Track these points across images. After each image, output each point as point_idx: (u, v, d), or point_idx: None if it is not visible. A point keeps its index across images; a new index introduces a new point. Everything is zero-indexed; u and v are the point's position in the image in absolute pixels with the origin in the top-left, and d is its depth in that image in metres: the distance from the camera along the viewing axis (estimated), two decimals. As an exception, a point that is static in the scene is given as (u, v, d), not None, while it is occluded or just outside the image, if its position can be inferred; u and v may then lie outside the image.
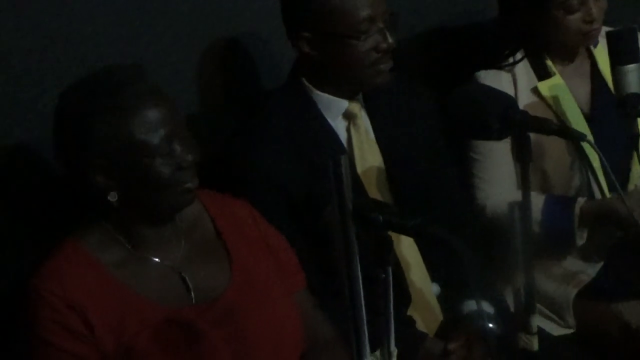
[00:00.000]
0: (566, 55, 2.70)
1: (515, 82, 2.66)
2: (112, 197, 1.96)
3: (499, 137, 2.20)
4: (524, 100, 2.63)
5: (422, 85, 2.61)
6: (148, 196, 1.98)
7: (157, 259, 2.03)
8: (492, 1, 2.81)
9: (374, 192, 2.38)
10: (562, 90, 2.65)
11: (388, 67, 2.35)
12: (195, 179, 2.01)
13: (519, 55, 2.68)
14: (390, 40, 2.32)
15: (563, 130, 2.13)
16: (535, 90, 2.65)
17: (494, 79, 2.64)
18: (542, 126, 2.09)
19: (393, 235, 2.21)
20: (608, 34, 2.50)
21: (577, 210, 2.54)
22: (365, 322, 1.59)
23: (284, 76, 2.49)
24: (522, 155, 2.07)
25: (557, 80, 2.65)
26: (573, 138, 2.15)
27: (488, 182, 2.64)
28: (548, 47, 2.67)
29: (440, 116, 2.53)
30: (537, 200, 2.58)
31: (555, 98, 2.64)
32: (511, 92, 2.62)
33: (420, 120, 2.50)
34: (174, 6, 2.56)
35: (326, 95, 2.38)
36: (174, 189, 1.98)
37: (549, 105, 2.63)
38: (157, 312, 1.98)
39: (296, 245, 2.24)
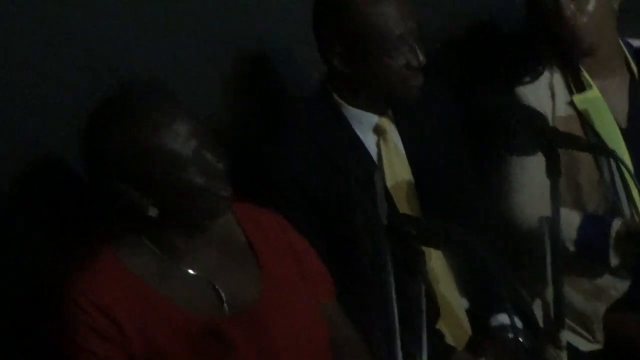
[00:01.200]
0: (602, 69, 2.70)
1: (553, 94, 2.66)
2: (153, 212, 1.99)
3: (528, 153, 2.22)
4: (561, 113, 2.64)
5: (452, 100, 2.62)
6: (185, 207, 2.01)
7: (189, 269, 2.06)
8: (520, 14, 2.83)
9: (403, 206, 2.40)
10: (599, 104, 2.64)
11: (419, 83, 2.38)
12: (229, 187, 2.03)
13: (555, 68, 2.68)
14: (421, 57, 2.35)
15: (592, 146, 2.14)
16: (572, 103, 2.65)
17: (532, 91, 2.65)
18: (572, 142, 2.10)
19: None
20: (636, 50, 2.51)
21: (613, 232, 2.54)
22: (398, 334, 1.60)
23: (310, 85, 2.52)
24: (552, 171, 2.09)
25: (593, 93, 2.65)
26: (602, 154, 2.16)
27: (524, 195, 2.64)
28: (582, 57, 2.67)
29: (469, 130, 2.55)
30: (573, 219, 2.59)
31: (591, 111, 2.63)
32: (549, 104, 2.64)
33: (449, 134, 2.52)
34: (200, 16, 2.58)
35: (356, 110, 2.41)
36: (209, 197, 2.01)
37: (584, 119, 2.63)
38: (190, 321, 2.00)
39: (323, 253, 2.25)
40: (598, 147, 2.17)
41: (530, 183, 2.62)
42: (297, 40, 2.66)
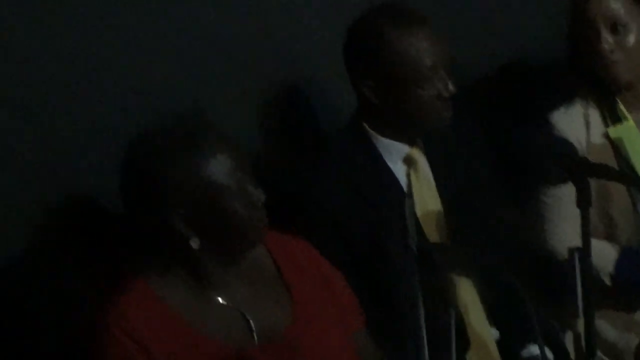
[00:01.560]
0: (638, 97, 2.68)
1: (588, 124, 2.66)
2: (195, 243, 2.01)
3: (559, 182, 2.22)
4: (595, 142, 2.63)
5: (482, 130, 2.64)
6: (226, 237, 2.03)
7: (220, 299, 2.07)
8: (553, 44, 2.83)
9: (433, 236, 2.41)
10: (634, 135, 2.64)
11: (449, 113, 2.40)
12: (266, 218, 2.07)
13: (590, 99, 2.67)
14: (451, 87, 2.37)
15: (622, 176, 2.14)
16: (607, 134, 2.64)
17: (566, 120, 2.65)
18: (602, 172, 2.10)
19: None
20: None
21: None
22: (428, 363, 1.61)
23: (343, 119, 2.53)
24: (582, 201, 2.08)
25: (629, 124, 2.65)
26: (633, 184, 2.16)
27: (559, 226, 2.63)
28: (619, 91, 2.66)
29: (501, 160, 2.56)
30: (610, 252, 2.59)
31: (626, 142, 2.63)
32: (582, 133, 2.63)
33: (479, 165, 2.54)
34: (237, 52, 2.61)
35: (387, 140, 2.42)
36: (249, 227, 2.04)
37: (619, 149, 2.62)
38: (221, 351, 2.01)
39: (355, 284, 2.26)
40: (629, 177, 2.17)
41: (563, 213, 2.62)
42: (329, 72, 2.70)
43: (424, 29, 2.39)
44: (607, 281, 2.58)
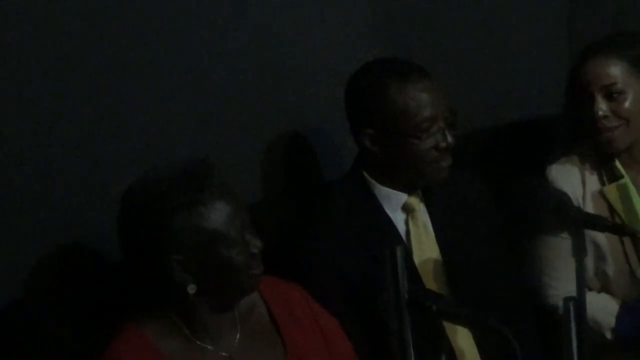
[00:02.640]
0: (635, 159, 2.68)
1: (584, 179, 2.66)
2: (192, 289, 2.03)
3: (554, 233, 2.24)
4: (591, 198, 2.64)
5: (481, 180, 2.66)
6: (222, 284, 2.06)
7: (213, 347, 2.09)
8: (551, 98, 2.87)
9: (431, 284, 2.42)
10: (630, 193, 2.64)
11: (447, 164, 2.43)
12: (262, 266, 2.09)
13: (588, 154, 2.67)
14: (449, 139, 2.40)
15: (616, 227, 2.16)
16: (602, 192, 2.65)
17: (563, 172, 2.66)
18: (596, 223, 2.13)
19: (449, 325, 2.28)
20: None
21: None
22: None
23: (344, 168, 2.57)
24: (577, 251, 2.11)
25: (625, 182, 2.64)
26: (626, 235, 2.18)
27: (558, 279, 2.63)
28: (615, 153, 2.66)
29: (499, 211, 2.58)
30: (611, 306, 2.60)
31: (622, 200, 2.64)
32: (579, 186, 2.65)
33: (478, 215, 2.55)
34: (240, 100, 2.65)
35: (386, 189, 2.46)
36: (245, 274, 2.06)
37: (615, 208, 2.62)
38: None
39: (352, 331, 2.28)
40: (621, 228, 2.19)
41: (560, 263, 2.63)
42: (332, 121, 2.73)
43: (424, 81, 2.42)
44: (609, 335, 2.59)
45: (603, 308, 2.61)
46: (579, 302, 2.13)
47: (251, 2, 2.66)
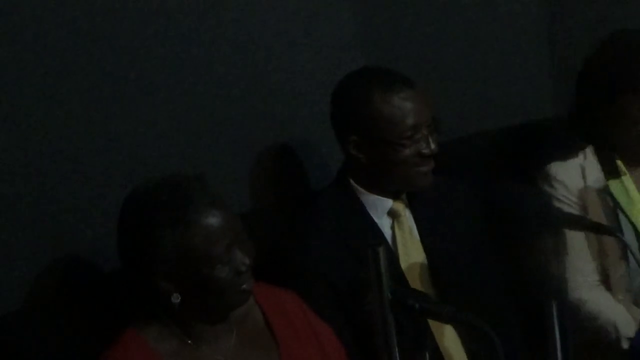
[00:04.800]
0: (634, 157, 2.73)
1: (584, 176, 2.70)
2: (175, 298, 2.05)
3: (536, 234, 2.28)
4: (592, 193, 2.68)
5: (466, 185, 2.69)
6: (207, 298, 2.07)
7: (210, 352, 2.11)
8: (533, 105, 2.88)
9: (417, 287, 2.43)
10: (631, 191, 2.70)
11: (429, 169, 2.47)
12: (251, 280, 2.10)
13: (589, 152, 2.72)
14: (432, 146, 2.45)
15: (596, 226, 2.20)
16: (603, 188, 2.69)
17: (563, 169, 2.70)
18: (577, 222, 2.16)
19: (436, 327, 2.31)
20: None
21: None
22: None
23: (332, 176, 2.60)
24: (558, 251, 2.15)
25: (626, 180, 2.70)
26: (606, 234, 2.22)
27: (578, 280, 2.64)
28: (618, 145, 2.72)
29: (484, 215, 2.62)
30: (628, 316, 2.63)
31: (623, 198, 2.68)
32: (579, 182, 2.68)
33: (463, 219, 2.59)
34: (229, 111, 2.68)
35: (372, 195, 2.50)
36: (231, 291, 2.07)
37: (620, 202, 2.67)
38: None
39: (343, 336, 2.31)
40: (602, 227, 2.23)
41: (572, 260, 2.63)
42: (317, 131, 2.77)
43: (408, 90, 2.45)
44: (625, 344, 2.61)
45: (626, 317, 2.65)
46: (561, 301, 2.18)
47: (237, 14, 2.69)
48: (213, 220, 2.04)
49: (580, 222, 2.17)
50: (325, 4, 2.88)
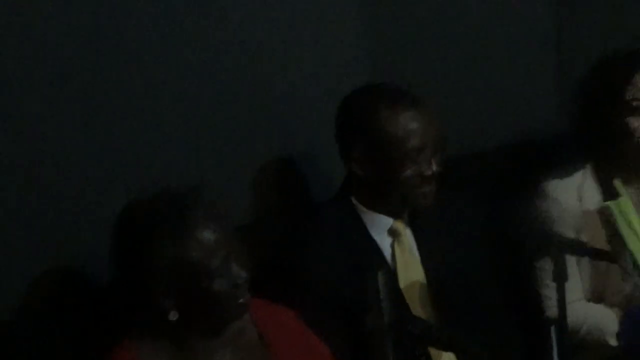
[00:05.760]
0: (632, 176, 2.73)
1: (582, 195, 2.70)
2: (173, 316, 2.04)
3: (536, 258, 2.28)
4: (590, 213, 2.67)
5: (468, 203, 2.69)
6: (204, 312, 2.07)
7: None
8: (540, 120, 2.86)
9: (416, 307, 2.46)
10: (629, 210, 2.68)
11: (431, 190, 2.46)
12: (248, 294, 2.09)
13: (587, 172, 2.73)
14: (434, 168, 2.44)
15: (597, 252, 2.20)
16: (601, 208, 2.68)
17: (561, 188, 2.70)
18: (577, 248, 2.16)
19: (436, 351, 2.30)
20: None
21: None
22: None
23: (333, 190, 2.59)
24: (558, 276, 2.15)
25: (624, 200, 2.69)
26: (607, 260, 2.22)
27: (544, 296, 2.66)
28: (617, 164, 2.71)
29: (487, 232, 2.62)
30: (612, 313, 2.63)
31: (621, 216, 2.67)
32: (576, 204, 2.68)
33: (464, 239, 2.58)
34: (232, 123, 2.69)
35: (373, 213, 2.49)
36: (228, 304, 2.07)
37: (618, 224, 2.67)
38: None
39: (341, 352, 2.30)
40: (602, 253, 2.23)
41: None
42: (320, 145, 2.76)
43: (414, 110, 2.45)
44: (613, 342, 2.60)
45: (606, 315, 2.64)
46: (561, 324, 2.18)
47: (243, 25, 2.69)
48: (209, 233, 2.04)
49: (580, 247, 2.17)
50: (332, 16, 2.88)
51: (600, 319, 2.65)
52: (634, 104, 2.64)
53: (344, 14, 2.92)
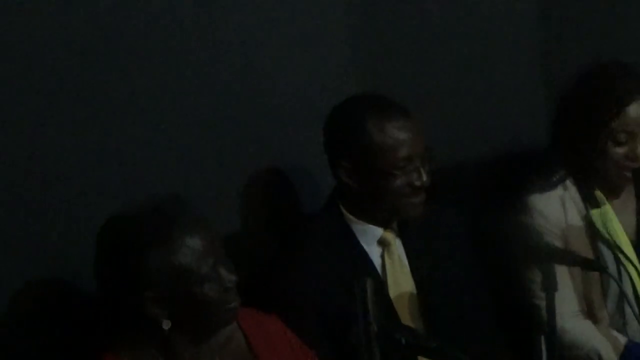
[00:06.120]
0: (613, 189, 2.75)
1: (565, 207, 2.71)
2: (166, 324, 2.05)
3: (525, 267, 2.29)
4: (574, 224, 2.69)
5: (458, 213, 2.70)
6: (196, 318, 2.07)
7: None
8: (528, 133, 2.87)
9: (406, 317, 2.46)
10: (612, 221, 2.70)
11: (420, 200, 2.47)
12: (238, 298, 2.11)
13: (569, 184, 2.74)
14: (424, 178, 2.45)
15: (585, 261, 2.20)
16: (584, 218, 2.70)
17: (543, 201, 2.71)
18: (565, 257, 2.17)
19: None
20: (634, 171, 2.59)
21: None
22: None
23: (322, 201, 2.60)
24: (547, 286, 2.15)
25: (607, 210, 2.71)
26: (595, 270, 2.22)
27: (535, 305, 2.65)
28: (596, 177, 2.73)
29: (476, 243, 2.62)
30: (615, 344, 2.63)
31: (604, 225, 2.69)
32: (560, 215, 2.69)
33: (454, 249, 2.59)
34: (221, 134, 2.68)
35: (362, 223, 2.50)
36: (220, 309, 2.08)
37: (597, 231, 2.68)
38: None
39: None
40: (590, 263, 2.24)
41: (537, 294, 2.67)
42: (309, 156, 2.77)
43: (402, 120, 2.46)
44: None
45: (609, 346, 2.64)
46: (551, 334, 2.19)
47: (232, 38, 2.70)
48: (199, 237, 2.06)
49: (569, 257, 2.17)
50: (320, 28, 2.89)
51: (601, 347, 2.64)
52: (620, 136, 2.65)
53: (331, 25, 2.92)
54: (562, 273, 2.58)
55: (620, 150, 2.66)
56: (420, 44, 3.12)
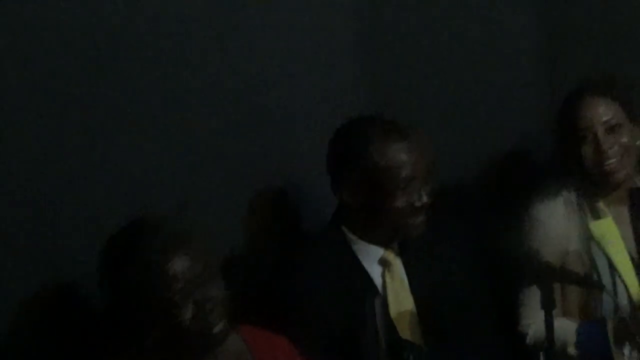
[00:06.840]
0: (617, 198, 2.77)
1: (568, 218, 2.74)
2: (149, 342, 2.08)
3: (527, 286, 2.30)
4: (575, 237, 2.72)
5: (459, 229, 2.74)
6: (178, 341, 2.09)
7: None
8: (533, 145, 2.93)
9: (406, 336, 2.46)
10: (612, 233, 2.73)
11: (421, 220, 2.51)
12: (222, 320, 2.10)
13: (572, 194, 2.78)
14: (424, 198, 2.48)
15: (583, 280, 2.23)
16: (587, 228, 2.73)
17: (548, 212, 2.75)
18: (565, 276, 2.20)
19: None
20: (631, 190, 2.63)
21: (610, 326, 2.56)
22: None
23: (325, 220, 2.62)
24: (546, 304, 2.19)
25: (608, 222, 2.74)
26: (593, 288, 2.25)
27: (533, 309, 2.64)
28: (605, 191, 2.76)
29: (476, 261, 2.65)
30: (570, 325, 2.65)
31: (606, 237, 2.72)
32: (564, 227, 2.73)
33: (454, 267, 2.62)
34: (224, 151, 2.70)
35: (363, 243, 2.53)
36: (200, 333, 2.08)
37: (598, 243, 2.71)
38: None
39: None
40: (589, 281, 2.27)
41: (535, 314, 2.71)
42: (313, 172, 2.77)
43: (405, 142, 2.49)
44: (573, 351, 2.62)
45: (562, 327, 2.62)
46: (549, 351, 2.22)
47: (238, 53, 2.71)
48: (173, 261, 2.06)
49: (568, 276, 2.21)
50: (325, 49, 2.91)
51: (561, 330, 2.62)
52: (580, 133, 2.71)
53: (338, 46, 2.94)
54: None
55: (587, 148, 2.71)
56: (427, 57, 3.14)
